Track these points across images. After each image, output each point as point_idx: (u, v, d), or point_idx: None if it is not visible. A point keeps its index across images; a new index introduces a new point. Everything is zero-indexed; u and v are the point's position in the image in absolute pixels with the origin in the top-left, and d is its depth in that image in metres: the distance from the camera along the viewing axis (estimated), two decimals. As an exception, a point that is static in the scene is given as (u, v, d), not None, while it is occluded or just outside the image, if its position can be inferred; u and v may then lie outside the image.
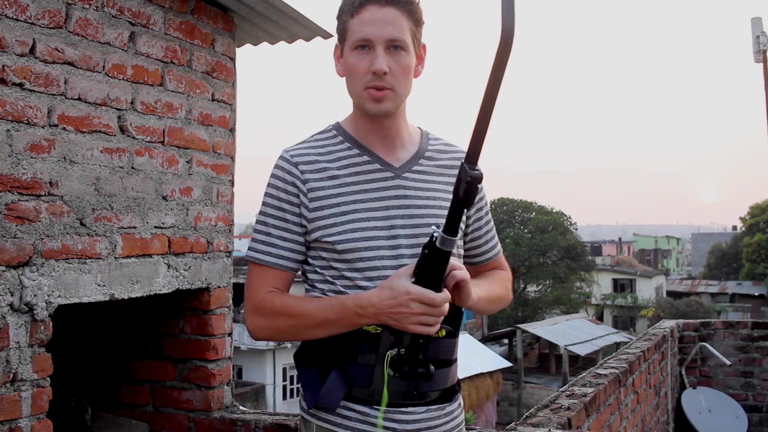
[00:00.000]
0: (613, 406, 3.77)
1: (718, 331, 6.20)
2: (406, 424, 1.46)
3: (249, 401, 21.01)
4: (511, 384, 25.99)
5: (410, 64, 1.49)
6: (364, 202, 1.51)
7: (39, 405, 1.88)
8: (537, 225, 37.60)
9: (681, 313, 31.03)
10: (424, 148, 1.60)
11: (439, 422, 1.50)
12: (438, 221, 1.49)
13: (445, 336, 1.49)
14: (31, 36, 1.89)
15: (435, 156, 1.60)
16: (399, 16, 1.46)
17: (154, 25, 2.30)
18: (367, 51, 1.46)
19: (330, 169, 1.54)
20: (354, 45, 1.47)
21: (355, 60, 1.47)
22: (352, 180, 1.53)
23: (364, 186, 1.52)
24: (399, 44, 1.46)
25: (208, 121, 2.55)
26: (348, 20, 1.48)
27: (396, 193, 1.53)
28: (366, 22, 1.45)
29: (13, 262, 1.83)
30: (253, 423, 2.48)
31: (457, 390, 1.58)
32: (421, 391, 1.47)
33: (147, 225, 2.27)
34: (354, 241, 1.49)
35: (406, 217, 1.51)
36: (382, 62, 1.44)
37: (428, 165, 1.58)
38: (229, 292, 2.67)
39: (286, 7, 2.65)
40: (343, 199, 1.51)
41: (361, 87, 1.48)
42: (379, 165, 1.54)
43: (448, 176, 1.58)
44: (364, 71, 1.46)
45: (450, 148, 1.64)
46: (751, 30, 9.34)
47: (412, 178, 1.55)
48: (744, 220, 47.53)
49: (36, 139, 1.90)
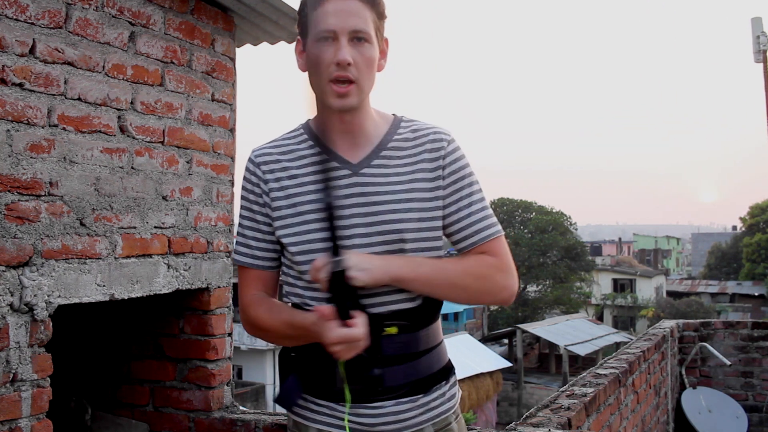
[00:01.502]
0: (613, 406, 3.77)
1: (718, 331, 6.20)
2: (374, 418, 1.47)
3: (249, 401, 21.01)
4: (511, 384, 25.99)
5: (374, 56, 1.48)
6: (317, 202, 1.50)
7: (39, 405, 1.88)
8: (537, 225, 37.61)
9: (681, 313, 31.04)
10: (388, 139, 1.54)
11: (410, 414, 1.49)
12: (399, 217, 1.48)
13: (401, 332, 1.47)
14: (31, 36, 1.89)
15: (400, 146, 1.54)
16: (362, 7, 1.45)
17: (154, 25, 2.30)
18: (331, 42, 1.43)
19: (290, 168, 1.55)
20: (317, 36, 1.45)
21: (318, 51, 1.44)
22: (309, 179, 1.52)
23: (317, 186, 1.51)
24: (363, 36, 1.44)
25: (208, 121, 2.55)
26: (311, 12, 1.46)
27: (353, 191, 1.50)
28: (329, 13, 1.43)
29: (13, 262, 1.83)
30: (253, 423, 2.48)
31: (438, 379, 1.55)
32: (387, 386, 1.47)
33: (147, 225, 2.27)
34: (307, 243, 1.50)
35: (363, 215, 1.49)
36: (346, 53, 1.42)
37: (392, 157, 1.53)
38: (229, 292, 2.67)
39: (286, 7, 2.65)
40: (299, 198, 1.52)
41: (324, 80, 1.45)
42: (337, 162, 1.52)
43: (413, 164, 1.52)
44: (328, 63, 1.43)
45: (419, 132, 1.56)
46: (751, 30, 9.34)
47: (371, 173, 1.51)
48: (744, 220, 47.55)
49: (36, 139, 1.90)
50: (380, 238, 1.47)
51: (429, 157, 1.53)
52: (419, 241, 1.50)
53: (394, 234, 1.48)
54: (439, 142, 1.54)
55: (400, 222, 1.48)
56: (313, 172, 1.52)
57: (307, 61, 1.49)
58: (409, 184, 1.51)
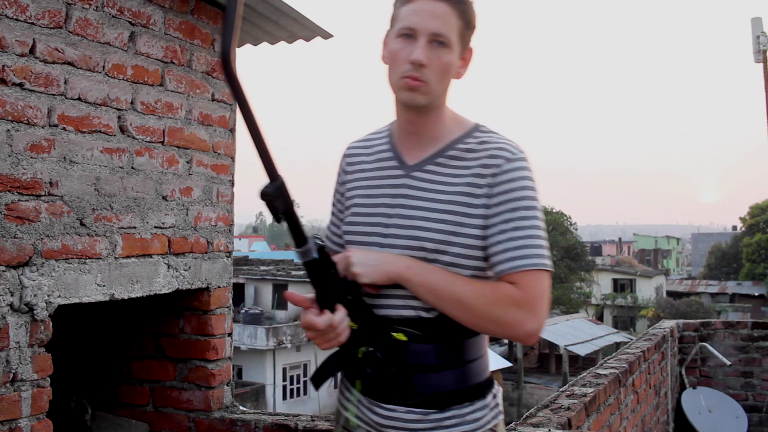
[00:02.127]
0: (613, 406, 3.77)
1: (718, 331, 6.20)
2: (383, 419, 1.47)
3: (249, 401, 21.02)
4: (511, 384, 25.98)
5: (451, 62, 1.45)
6: (372, 197, 1.53)
7: (39, 405, 1.88)
8: (537, 225, 37.55)
9: (681, 313, 31.02)
10: (452, 146, 1.50)
11: (418, 426, 1.45)
12: (428, 225, 1.45)
13: (414, 341, 1.45)
14: (31, 36, 1.89)
15: (461, 155, 1.48)
16: (449, 12, 1.43)
17: (154, 25, 2.30)
18: (410, 40, 1.43)
19: (364, 162, 1.60)
20: (399, 32, 1.45)
21: (397, 47, 1.45)
22: (371, 175, 1.57)
23: (377, 182, 1.55)
24: (442, 40, 1.42)
25: (208, 121, 2.55)
26: (400, 7, 1.47)
27: (400, 191, 1.51)
28: (414, 11, 1.43)
29: (13, 262, 1.83)
30: (253, 423, 2.48)
31: (459, 399, 1.47)
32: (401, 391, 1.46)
33: (147, 225, 2.27)
34: (352, 235, 1.54)
35: (404, 218, 1.48)
36: (420, 53, 1.41)
37: (448, 165, 1.49)
38: (229, 292, 2.67)
39: (286, 7, 2.65)
40: (357, 192, 1.57)
41: (398, 75, 1.45)
42: (396, 162, 1.54)
43: (464, 176, 1.46)
44: (404, 59, 1.43)
45: (486, 145, 1.48)
46: (751, 30, 9.33)
47: (420, 178, 1.50)
48: (744, 220, 47.54)
49: (36, 139, 1.90)
50: (407, 242, 1.47)
51: (482, 173, 1.45)
52: (445, 255, 1.44)
53: (416, 241, 1.46)
54: (498, 159, 1.45)
55: (428, 231, 1.45)
56: (377, 168, 1.56)
57: (387, 54, 1.49)
58: (452, 195, 1.46)
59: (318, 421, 2.46)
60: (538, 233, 1.43)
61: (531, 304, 1.39)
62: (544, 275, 1.41)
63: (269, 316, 26.89)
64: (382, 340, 1.45)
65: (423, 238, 1.45)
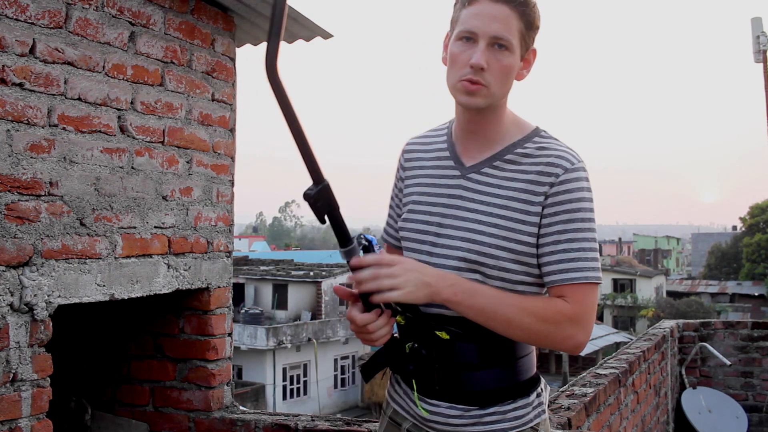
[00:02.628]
0: (613, 406, 3.77)
1: (718, 331, 6.20)
2: (430, 415, 1.51)
3: (249, 401, 21.01)
4: (511, 384, 25.96)
5: (511, 65, 1.44)
6: (428, 196, 1.55)
7: (39, 405, 1.88)
8: (537, 225, 37.56)
9: (681, 313, 31.02)
10: (511, 150, 1.49)
11: (459, 422, 1.48)
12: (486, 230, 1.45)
13: (452, 339, 1.46)
14: (31, 36, 1.89)
15: (519, 160, 1.48)
16: (510, 15, 1.42)
17: (154, 25, 2.30)
18: (471, 44, 1.43)
19: (423, 159, 1.61)
20: (459, 35, 1.45)
21: (457, 50, 1.45)
22: (429, 173, 1.58)
23: (434, 180, 1.57)
24: (503, 43, 1.42)
25: (208, 121, 2.55)
26: (460, 9, 1.47)
27: (456, 192, 1.52)
28: (475, 14, 1.43)
29: (13, 262, 1.83)
30: (253, 423, 2.48)
31: (501, 398, 1.48)
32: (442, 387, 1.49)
33: (147, 225, 2.27)
34: (408, 232, 1.56)
35: (459, 219, 1.49)
36: (480, 57, 1.40)
37: (505, 168, 1.48)
38: (229, 292, 2.67)
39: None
40: (415, 189, 1.59)
41: (456, 77, 1.45)
42: (453, 162, 1.55)
43: (520, 182, 1.46)
44: (463, 63, 1.43)
45: (545, 152, 1.47)
46: (751, 30, 9.34)
47: (476, 180, 1.50)
48: (744, 220, 47.55)
49: (36, 139, 1.90)
50: (460, 243, 1.47)
51: (539, 180, 1.44)
52: (497, 259, 1.44)
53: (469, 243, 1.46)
54: (556, 167, 1.44)
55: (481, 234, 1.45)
56: (434, 166, 1.57)
57: (447, 56, 1.49)
58: (507, 200, 1.46)
59: (318, 421, 2.46)
60: (592, 246, 1.44)
61: (581, 318, 1.41)
62: (594, 288, 1.43)
63: (269, 316, 26.90)
64: (426, 338, 1.47)
65: (476, 241, 1.45)
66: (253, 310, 25.88)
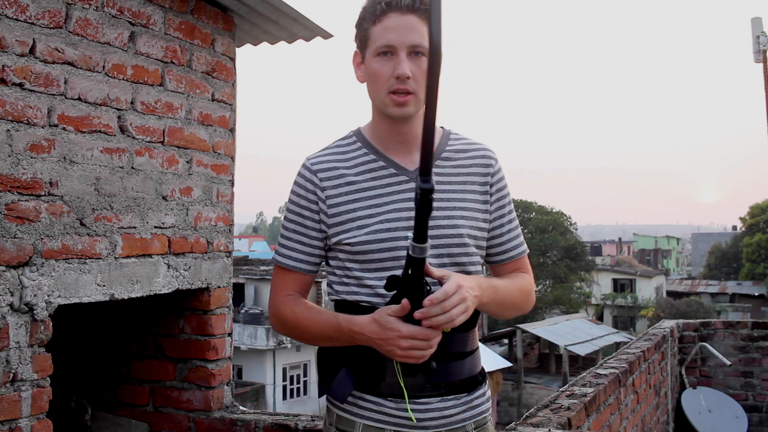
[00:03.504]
0: (613, 406, 3.77)
1: (718, 331, 6.20)
2: (420, 413, 1.53)
3: (249, 401, 21.00)
4: (511, 384, 25.98)
5: None
6: (380, 206, 1.56)
7: (39, 405, 1.88)
8: (537, 225, 37.60)
9: (681, 313, 31.00)
10: (441, 149, 1.62)
11: (454, 411, 1.55)
12: (455, 222, 1.55)
13: (453, 331, 1.49)
14: (31, 36, 1.89)
15: (452, 156, 1.62)
16: (420, 23, 1.50)
17: (154, 25, 2.30)
18: (390, 57, 1.51)
19: (348, 175, 1.60)
20: (377, 51, 1.52)
21: (378, 66, 1.52)
22: (368, 185, 1.58)
23: (380, 191, 1.57)
24: (420, 50, 1.50)
25: (208, 121, 2.55)
26: (369, 27, 1.53)
27: (410, 195, 1.55)
28: (388, 29, 1.50)
29: (13, 262, 1.83)
30: (253, 423, 2.48)
31: (479, 380, 1.62)
32: (434, 382, 1.53)
33: (147, 225, 2.27)
34: (371, 243, 1.54)
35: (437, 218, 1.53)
36: (405, 67, 1.49)
37: (444, 167, 1.60)
38: (229, 292, 2.67)
39: (286, 7, 2.65)
40: (360, 204, 1.57)
41: (384, 92, 1.52)
42: (394, 169, 1.58)
43: (465, 176, 1.61)
44: (387, 76, 1.51)
45: (471, 146, 1.65)
46: (751, 30, 9.34)
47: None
48: (744, 220, 47.51)
49: (36, 139, 1.90)
50: (437, 241, 1.52)
51: (480, 172, 1.62)
52: (470, 247, 1.57)
53: (452, 238, 1.55)
54: (489, 159, 1.64)
55: (456, 227, 1.56)
56: (371, 178, 1.58)
57: (366, 74, 1.57)
58: (461, 193, 1.59)
59: (318, 421, 2.46)
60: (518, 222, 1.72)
61: (533, 283, 1.71)
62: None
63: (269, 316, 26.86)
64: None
65: (453, 235, 1.55)
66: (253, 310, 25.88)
